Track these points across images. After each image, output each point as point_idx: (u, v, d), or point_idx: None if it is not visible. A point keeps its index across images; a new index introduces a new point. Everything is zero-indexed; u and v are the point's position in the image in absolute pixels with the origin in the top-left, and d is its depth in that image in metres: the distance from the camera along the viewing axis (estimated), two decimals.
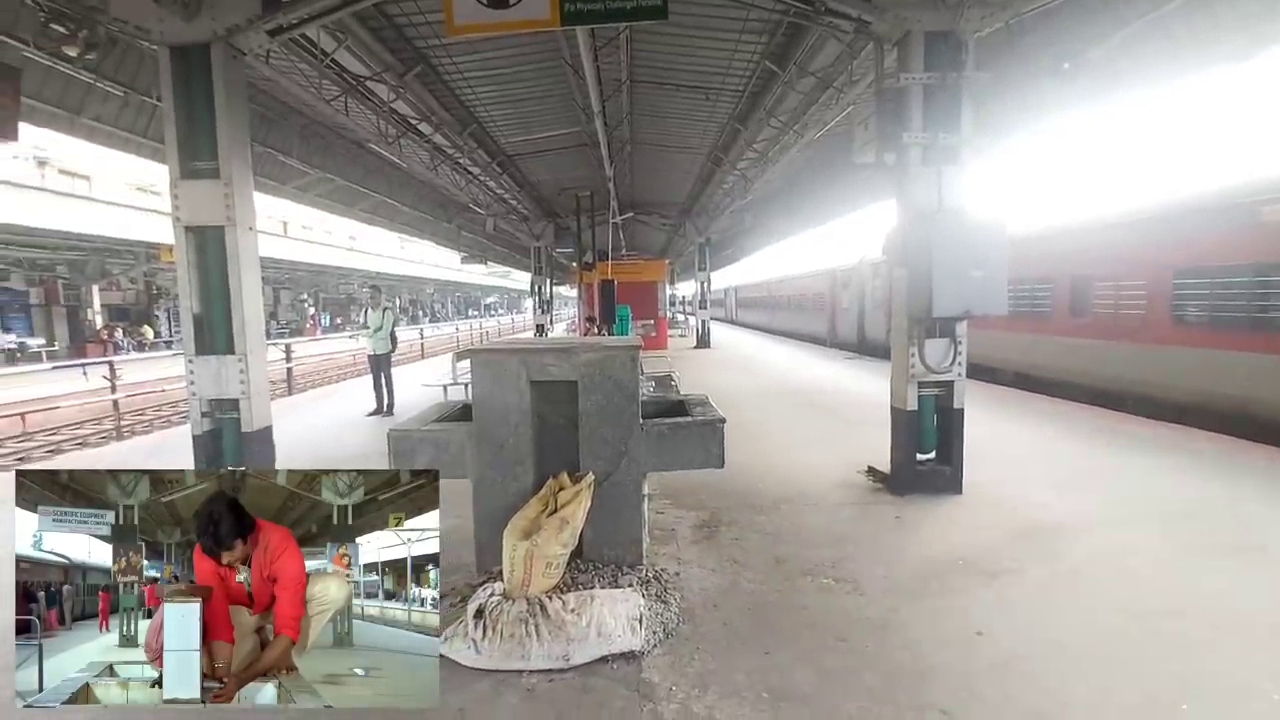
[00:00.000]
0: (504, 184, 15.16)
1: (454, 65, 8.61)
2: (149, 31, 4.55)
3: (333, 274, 36.05)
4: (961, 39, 4.56)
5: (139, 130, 8.56)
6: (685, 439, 3.60)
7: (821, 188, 14.41)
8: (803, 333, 24.32)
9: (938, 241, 4.49)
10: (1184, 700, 2.47)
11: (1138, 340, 8.35)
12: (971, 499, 4.89)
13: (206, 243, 4.72)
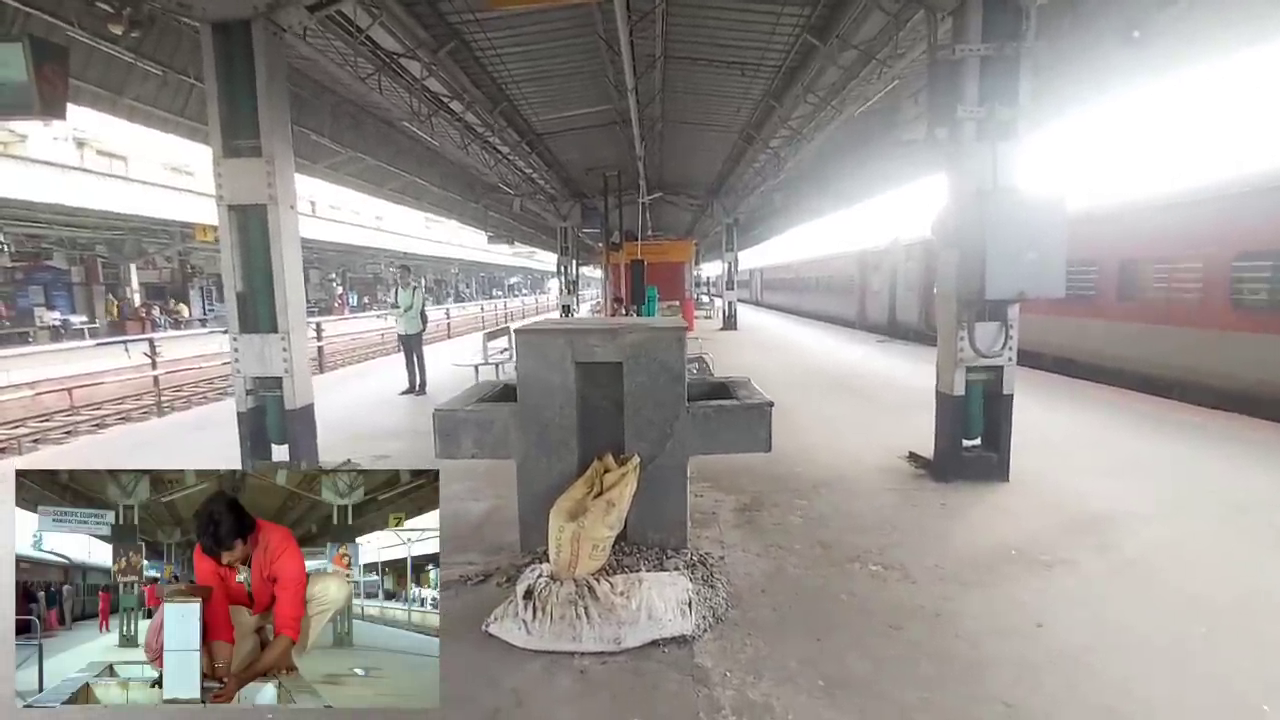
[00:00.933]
0: (532, 163, 15.06)
1: (487, 41, 8.50)
2: (190, 8, 4.53)
3: (360, 254, 36.41)
4: (1023, 5, 4.34)
5: (177, 110, 8.64)
6: (731, 422, 3.55)
7: (857, 165, 14.05)
8: (831, 315, 23.98)
9: (992, 221, 4.32)
10: (1265, 700, 2.37)
11: (1193, 325, 8.03)
12: (1019, 486, 4.77)
13: (249, 221, 4.75)
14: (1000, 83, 4.42)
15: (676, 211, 23.54)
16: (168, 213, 18.98)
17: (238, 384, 4.89)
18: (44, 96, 4.50)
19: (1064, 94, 6.25)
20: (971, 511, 4.33)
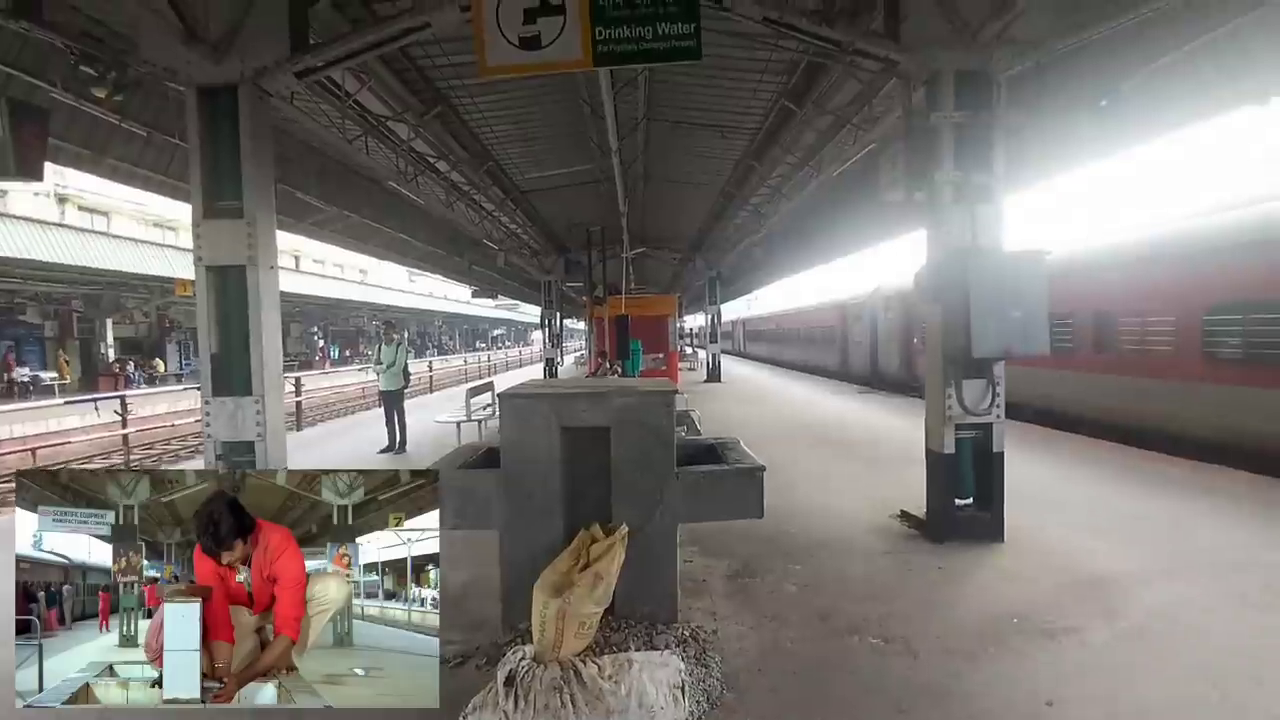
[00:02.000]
0: (517, 219, 15.25)
1: (473, 104, 8.69)
2: (177, 73, 4.56)
3: (343, 307, 36.28)
4: (992, 78, 4.52)
5: (160, 169, 8.63)
6: (722, 488, 3.44)
7: (837, 222, 14.41)
8: (813, 365, 24.15)
9: (975, 280, 4.37)
10: None
11: (1167, 376, 8.14)
12: (1015, 547, 4.67)
13: (227, 282, 4.66)
14: (975, 149, 4.55)
15: (660, 265, 23.88)
16: (148, 268, 18.82)
17: (208, 449, 4.69)
18: (20, 158, 4.45)
19: (1037, 159, 6.49)
20: (970, 575, 4.21)
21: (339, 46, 4.77)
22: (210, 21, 4.48)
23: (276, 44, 4.61)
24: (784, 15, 4.56)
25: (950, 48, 4.54)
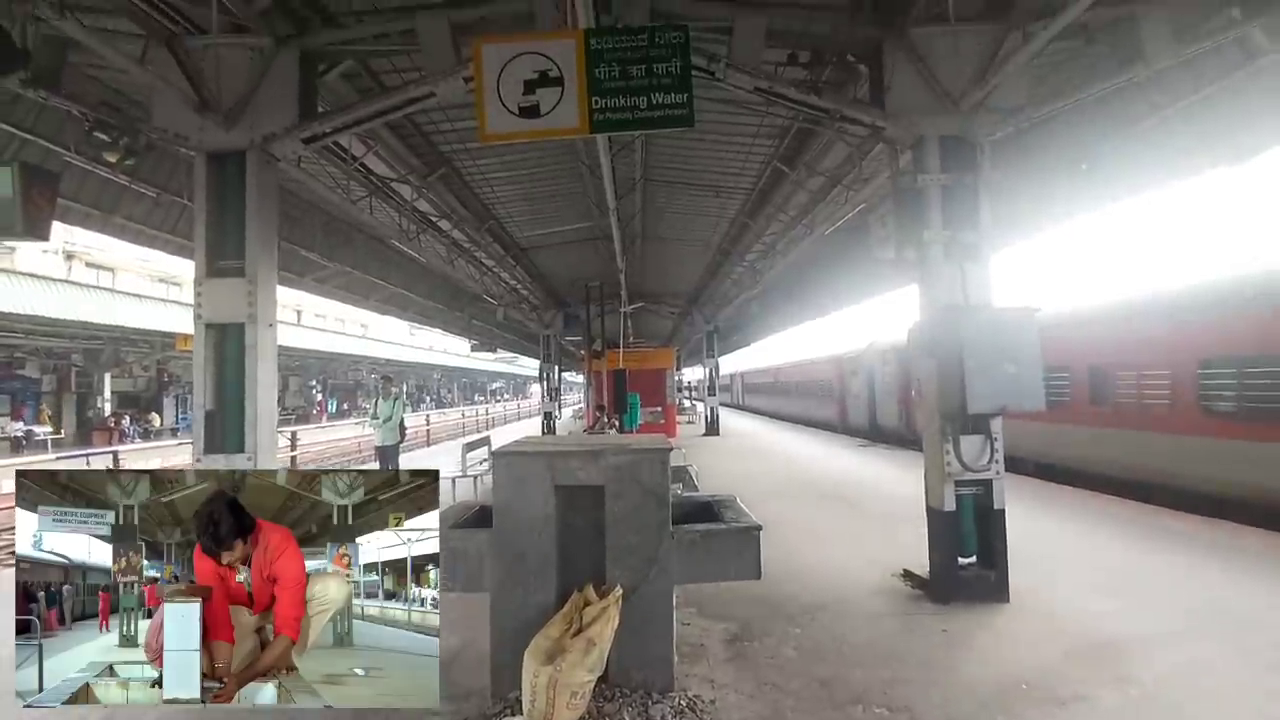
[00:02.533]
0: (517, 275, 15.48)
1: (475, 166, 8.97)
2: (188, 139, 4.72)
3: (342, 360, 36.38)
4: (974, 143, 4.69)
5: (167, 228, 8.82)
6: (719, 548, 3.38)
7: (831, 278, 14.67)
8: (812, 418, 24.05)
9: (968, 337, 4.41)
10: None
11: (1165, 430, 8.12)
12: (1020, 607, 4.55)
13: (226, 339, 4.69)
14: (962, 209, 4.68)
15: (657, 319, 24.10)
16: (150, 323, 18.97)
17: None
18: (29, 218, 4.55)
19: (1023, 216, 6.68)
20: (975, 639, 4.09)
21: (346, 114, 4.97)
22: (223, 92, 4.68)
23: (285, 112, 4.80)
24: (774, 86, 4.77)
25: (933, 114, 4.73)
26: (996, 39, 4.58)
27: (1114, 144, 5.35)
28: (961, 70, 4.67)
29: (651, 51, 4.02)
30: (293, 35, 4.87)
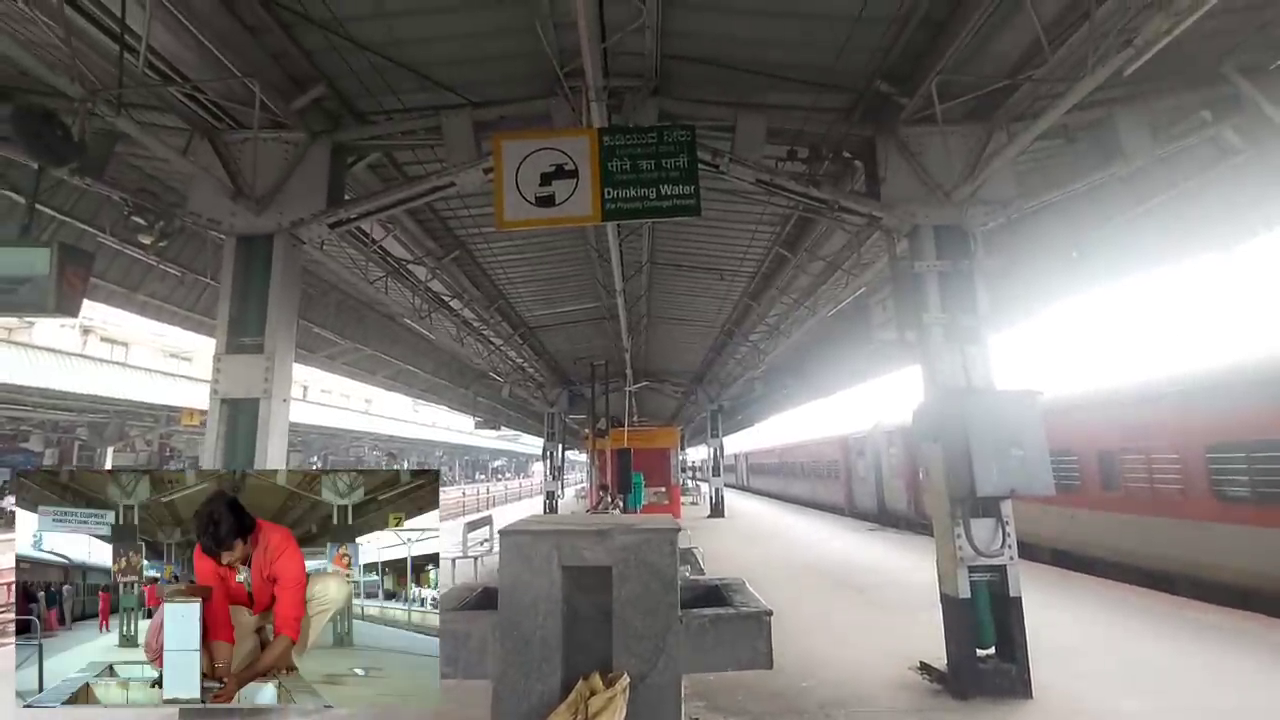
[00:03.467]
0: (524, 353, 15.71)
1: (489, 249, 9.33)
2: (220, 223, 4.98)
3: (343, 436, 36.25)
4: (968, 232, 4.91)
5: (189, 305, 9.11)
6: (729, 634, 3.28)
7: (833, 358, 14.84)
8: (818, 501, 23.60)
9: (973, 420, 4.45)
10: None
11: (1178, 515, 7.96)
12: (1045, 705, 4.34)
13: (239, 414, 4.77)
14: (959, 294, 4.84)
15: (662, 398, 24.17)
16: (159, 397, 19.13)
17: None
18: (62, 296, 4.71)
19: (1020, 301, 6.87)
20: None
21: (371, 202, 5.26)
22: (257, 180, 4.98)
23: (314, 199, 5.09)
24: (774, 178, 5.06)
25: (927, 205, 4.99)
26: (982, 139, 4.89)
27: (1102, 233, 5.60)
28: (951, 166, 4.96)
29: (661, 148, 4.32)
30: (326, 130, 5.23)
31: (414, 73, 4.90)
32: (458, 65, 4.97)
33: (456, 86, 5.09)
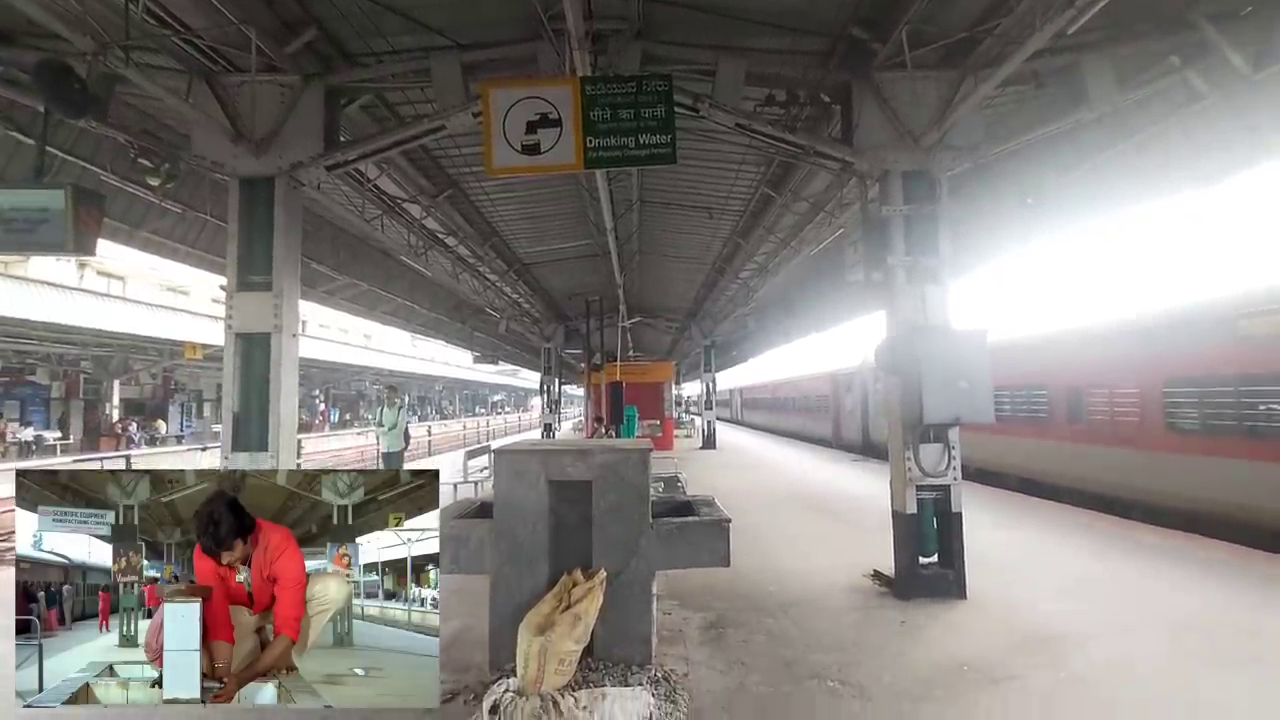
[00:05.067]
0: (519, 289, 15.98)
1: (481, 189, 9.49)
2: (223, 165, 5.21)
3: (345, 371, 36.83)
4: (934, 177, 5.17)
5: (189, 242, 9.33)
6: (693, 538, 3.80)
7: (820, 296, 15.17)
8: (808, 434, 24.43)
9: (925, 354, 4.86)
10: None
11: (1134, 446, 8.53)
12: (976, 604, 4.95)
13: (253, 347, 5.15)
14: (922, 237, 5.15)
15: (656, 333, 24.57)
16: (160, 331, 19.46)
17: None
18: (79, 236, 5.01)
19: (982, 243, 7.15)
20: (928, 630, 4.48)
21: (367, 144, 5.47)
22: (255, 124, 5.18)
23: (311, 142, 5.29)
24: (753, 123, 5.26)
25: (897, 151, 5.22)
26: (953, 84, 5.07)
27: (1066, 179, 5.84)
28: (921, 112, 5.16)
29: (640, 98, 4.53)
30: (319, 74, 5.38)
31: (401, 15, 5.02)
32: (444, 8, 5.07)
33: (444, 29, 5.21)
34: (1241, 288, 7.60)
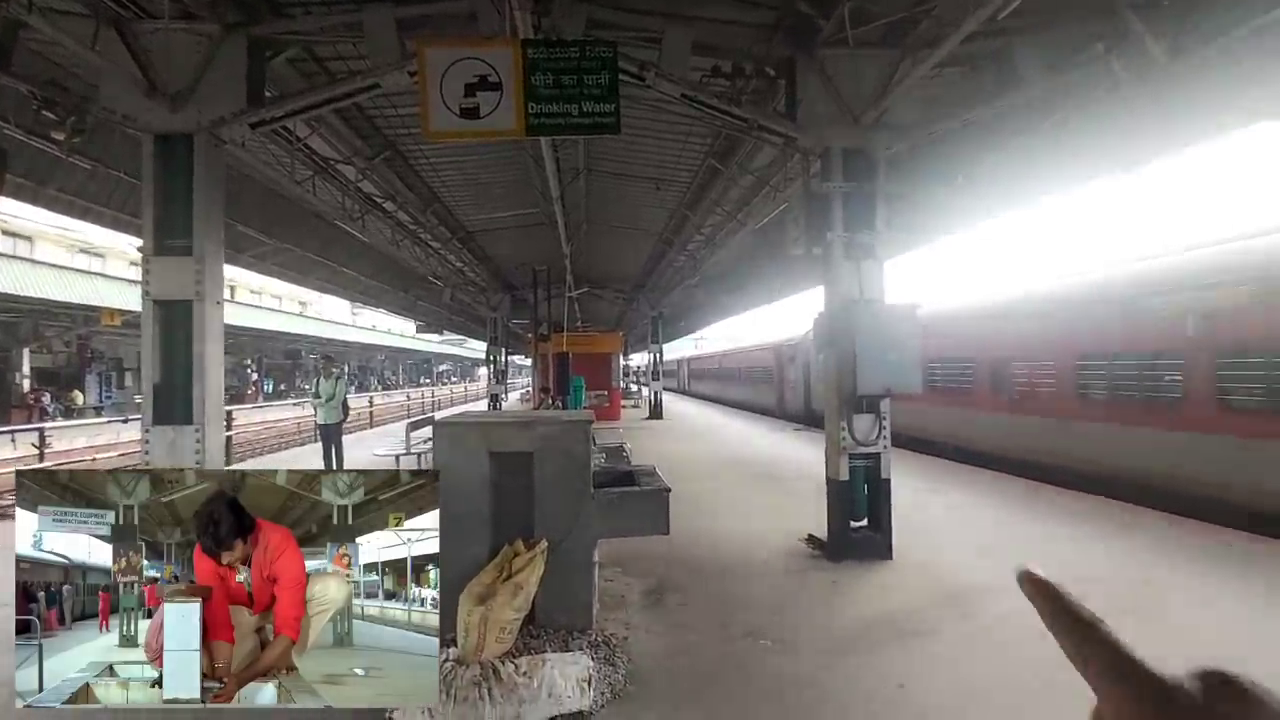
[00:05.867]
0: (463, 258, 15.59)
1: (420, 151, 9.14)
2: (135, 120, 4.84)
3: (279, 339, 35.31)
4: (872, 155, 5.29)
5: (102, 200, 8.66)
6: (633, 507, 3.89)
7: (766, 270, 15.39)
8: (752, 404, 24.99)
9: (859, 327, 5.04)
10: None
11: (1052, 415, 9.11)
12: (901, 564, 5.26)
13: (173, 315, 4.87)
14: (860, 213, 5.29)
15: (604, 304, 24.48)
16: (75, 296, 18.14)
17: None
18: None
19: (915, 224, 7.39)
20: (856, 589, 4.75)
21: (294, 101, 5.18)
22: (170, 76, 4.81)
23: (233, 97, 4.97)
24: (699, 94, 5.24)
25: (838, 128, 5.31)
26: (892, 63, 5.17)
27: (996, 159, 6.08)
28: (862, 90, 5.25)
29: (583, 64, 4.43)
30: (241, 23, 5.03)
31: None
32: None
33: None
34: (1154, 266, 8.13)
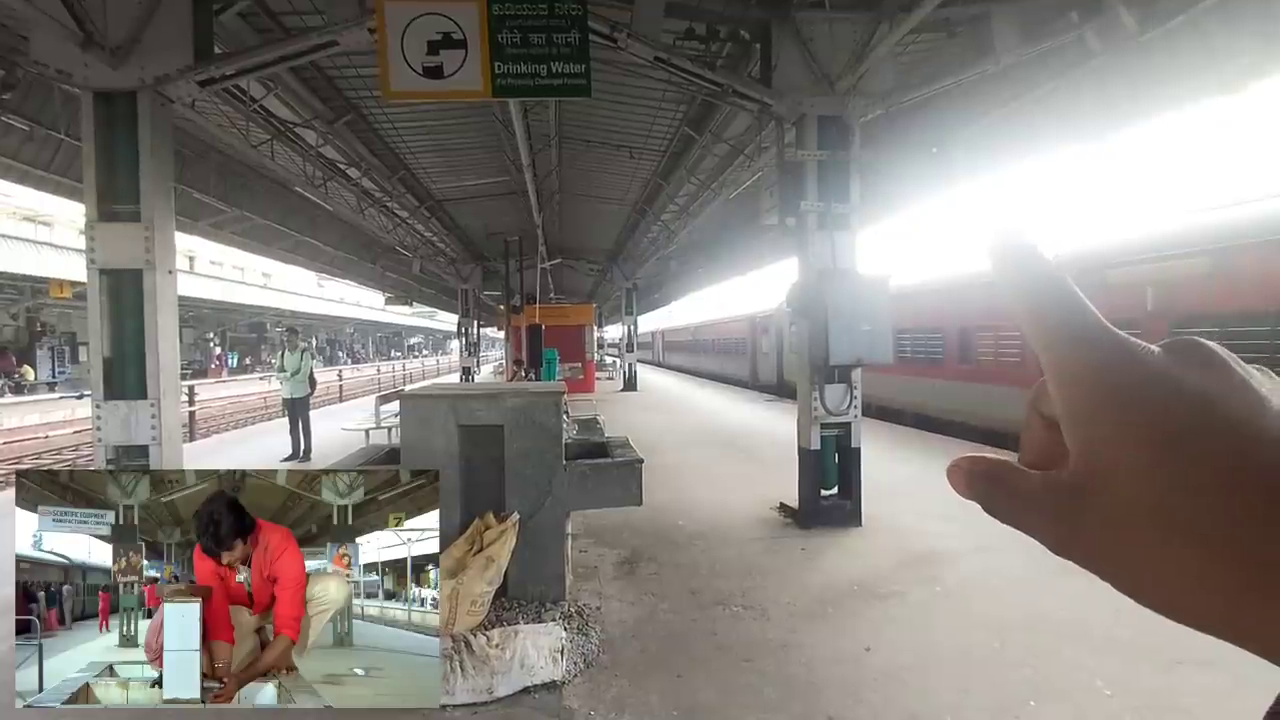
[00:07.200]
0: (432, 227, 15.20)
1: (384, 115, 8.79)
2: (72, 76, 4.53)
3: (242, 312, 34.31)
4: (848, 123, 5.23)
5: (42, 164, 8.17)
6: (606, 479, 3.86)
7: (739, 241, 15.33)
8: (726, 375, 25.16)
9: (832, 298, 5.04)
10: (1032, 698, 2.89)
11: (1012, 384, 9.32)
12: (870, 530, 5.36)
13: (122, 285, 4.64)
14: (834, 183, 5.25)
15: (578, 276, 24.23)
16: (18, 266, 17.29)
17: (99, 453, 4.64)
18: None
19: (889, 194, 7.41)
20: (825, 555, 4.83)
21: (246, 58, 4.90)
22: (109, 28, 4.50)
23: (179, 53, 4.67)
24: (672, 57, 5.09)
25: (813, 94, 5.23)
26: (869, 28, 5.08)
27: (967, 131, 6.08)
28: (839, 55, 5.16)
29: (551, 21, 4.25)
30: None
31: None
32: None
33: None
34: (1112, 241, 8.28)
